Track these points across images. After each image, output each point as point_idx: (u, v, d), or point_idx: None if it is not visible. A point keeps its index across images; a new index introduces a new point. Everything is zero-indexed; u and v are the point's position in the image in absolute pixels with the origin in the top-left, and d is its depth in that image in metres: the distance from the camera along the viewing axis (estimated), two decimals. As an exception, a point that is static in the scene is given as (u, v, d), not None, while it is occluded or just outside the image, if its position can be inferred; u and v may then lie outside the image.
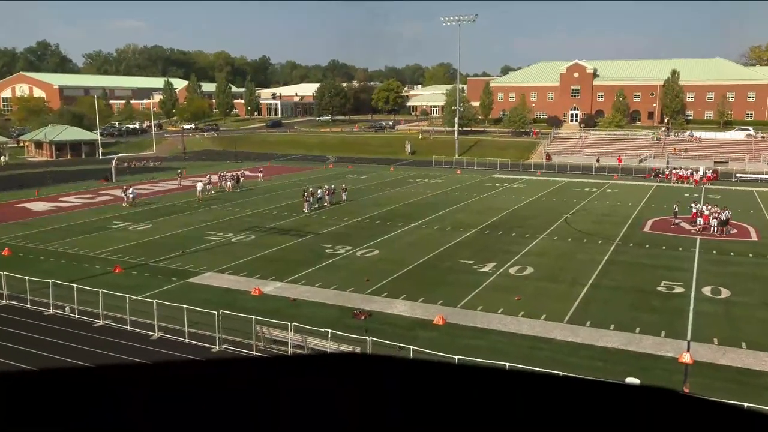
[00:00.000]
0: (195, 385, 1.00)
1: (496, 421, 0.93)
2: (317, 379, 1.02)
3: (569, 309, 23.66)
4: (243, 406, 0.94)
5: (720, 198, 49.06)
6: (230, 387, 0.99)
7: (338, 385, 1.00)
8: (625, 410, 0.97)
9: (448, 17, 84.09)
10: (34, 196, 51.45)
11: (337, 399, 0.96)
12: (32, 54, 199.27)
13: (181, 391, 0.98)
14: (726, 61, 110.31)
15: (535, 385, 1.03)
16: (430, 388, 1.00)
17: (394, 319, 22.81)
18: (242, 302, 24.23)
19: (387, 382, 1.02)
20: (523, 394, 1.00)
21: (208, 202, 48.44)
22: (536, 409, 0.96)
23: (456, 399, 0.97)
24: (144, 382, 1.01)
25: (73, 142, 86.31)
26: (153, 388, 0.98)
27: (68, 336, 21.41)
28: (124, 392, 0.97)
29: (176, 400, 0.95)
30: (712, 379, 18.06)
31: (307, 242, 34.92)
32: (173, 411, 0.92)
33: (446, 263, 30.21)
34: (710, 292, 25.74)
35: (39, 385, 0.98)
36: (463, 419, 0.94)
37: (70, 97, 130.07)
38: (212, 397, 0.96)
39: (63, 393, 0.97)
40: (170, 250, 32.84)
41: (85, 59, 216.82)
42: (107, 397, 0.95)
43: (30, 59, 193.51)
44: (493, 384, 1.03)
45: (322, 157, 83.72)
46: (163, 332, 21.56)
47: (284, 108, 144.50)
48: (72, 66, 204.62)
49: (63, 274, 27.46)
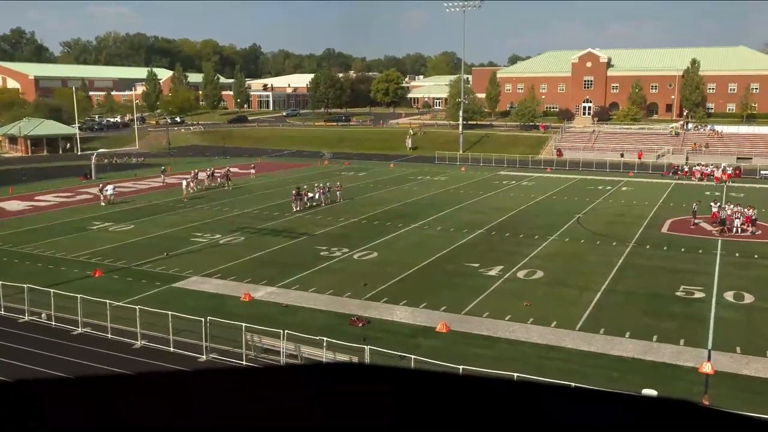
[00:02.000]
0: (180, 396, 1.00)
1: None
2: (311, 390, 1.02)
3: (582, 315, 23.67)
4: (229, 416, 0.94)
5: (743, 196, 49.09)
6: (219, 398, 0.99)
7: (334, 396, 1.00)
8: (642, 423, 0.97)
9: (452, 3, 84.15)
10: (8, 195, 51.43)
11: (331, 410, 0.96)
12: (6, 42, 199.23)
13: (165, 402, 0.98)
14: (750, 50, 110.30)
15: (546, 397, 1.03)
16: (432, 401, 1.00)
17: (395, 326, 22.81)
18: (231, 308, 24.23)
19: (386, 393, 1.02)
20: (533, 407, 1.00)
21: (194, 201, 48.46)
22: (547, 423, 0.96)
23: (460, 412, 0.97)
24: (126, 393, 1.01)
25: (50, 137, 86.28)
26: (135, 399, 0.98)
27: (45, 345, 21.40)
28: (105, 404, 0.96)
29: (158, 412, 0.95)
30: (735, 390, 18.08)
31: (301, 244, 34.92)
32: (155, 422, 0.92)
33: (450, 266, 30.22)
34: (732, 298, 25.76)
35: (14, 397, 0.98)
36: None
37: (47, 89, 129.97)
38: (197, 408, 0.96)
39: (39, 404, 0.97)
40: (154, 252, 32.83)
41: (62, 48, 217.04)
42: (86, 409, 0.95)
43: (3, 48, 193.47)
44: (501, 396, 1.03)
45: (316, 153, 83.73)
46: (146, 341, 21.55)
47: (276, 100, 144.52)
48: (49, 55, 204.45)
49: (39, 278, 27.45)
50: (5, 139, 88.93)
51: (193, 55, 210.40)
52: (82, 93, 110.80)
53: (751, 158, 70.89)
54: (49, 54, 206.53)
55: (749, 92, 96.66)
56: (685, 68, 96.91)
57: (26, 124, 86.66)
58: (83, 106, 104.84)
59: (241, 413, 0.96)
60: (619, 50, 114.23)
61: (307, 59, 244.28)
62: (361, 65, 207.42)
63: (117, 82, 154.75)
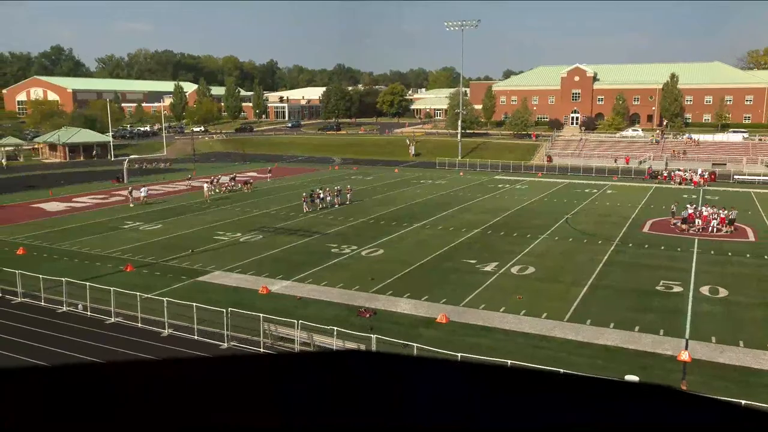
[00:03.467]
0: (205, 381, 1.01)
1: (497, 417, 0.93)
2: (321, 375, 1.02)
3: (570, 308, 23.61)
4: (251, 401, 0.94)
5: (718, 199, 48.89)
6: (240, 383, 0.99)
7: (342, 380, 1.00)
8: (624, 407, 0.97)
9: (452, 22, 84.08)
10: (48, 197, 51.64)
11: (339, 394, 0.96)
12: (46, 58, 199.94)
13: (191, 387, 0.99)
14: (724, 65, 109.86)
15: (537, 382, 1.03)
16: (433, 385, 1.00)
17: (399, 317, 22.80)
18: (250, 300, 24.26)
19: (391, 377, 1.02)
20: (525, 392, 1.00)
21: (218, 202, 48.54)
22: (537, 406, 0.96)
23: (458, 396, 0.97)
24: (156, 378, 1.01)
25: (86, 144, 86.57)
26: (165, 384, 0.99)
27: (81, 333, 21.49)
28: (137, 388, 0.97)
29: (186, 396, 0.96)
30: (710, 377, 18.00)
31: (314, 242, 34.94)
32: (182, 406, 0.92)
33: (449, 263, 30.18)
34: (708, 292, 25.65)
35: (53, 381, 0.98)
36: (465, 415, 0.93)
37: (83, 101, 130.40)
38: (223, 393, 0.96)
39: (76, 389, 0.97)
40: (180, 249, 32.91)
41: (97, 63, 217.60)
42: (118, 393, 0.95)
43: (44, 63, 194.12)
44: (495, 381, 1.03)
45: (327, 159, 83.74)
46: (173, 329, 21.61)
47: (291, 111, 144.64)
48: (85, 70, 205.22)
49: (76, 272, 27.56)
50: (46, 146, 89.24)
51: (216, 70, 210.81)
52: (115, 104, 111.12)
53: (725, 164, 70.63)
54: (86, 69, 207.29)
55: (723, 104, 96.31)
56: (664, 82, 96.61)
57: (64, 133, 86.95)
58: (116, 117, 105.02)
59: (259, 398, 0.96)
60: (604, 65, 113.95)
61: (319, 73, 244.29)
62: (369, 79, 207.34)
63: (146, 94, 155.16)
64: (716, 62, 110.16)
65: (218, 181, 54.89)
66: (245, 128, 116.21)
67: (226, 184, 54.98)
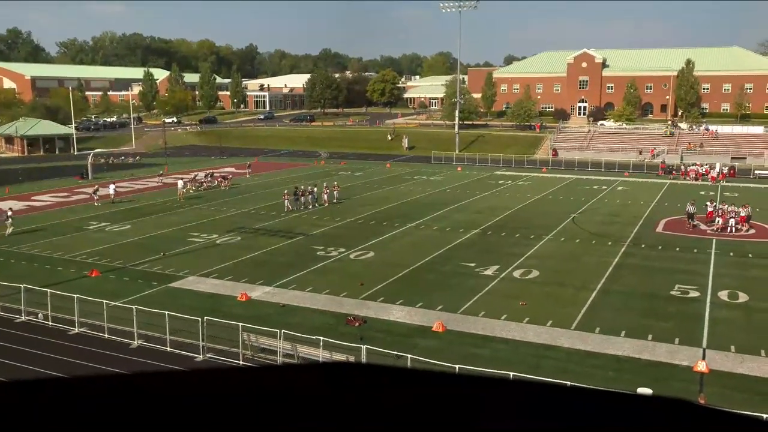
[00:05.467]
0: (177, 396, 1.00)
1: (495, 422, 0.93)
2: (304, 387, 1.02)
3: (577, 315, 23.71)
4: (226, 416, 0.94)
5: (738, 196, 49.20)
6: (214, 396, 0.99)
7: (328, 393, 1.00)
8: (637, 422, 0.97)
9: (448, 3, 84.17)
10: (5, 194, 51.29)
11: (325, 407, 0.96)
12: (2, 42, 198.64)
13: (161, 402, 0.98)
14: (744, 50, 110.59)
15: (542, 396, 1.03)
16: (428, 399, 1.00)
17: (391, 325, 22.82)
18: (228, 308, 24.21)
19: (382, 392, 1.02)
20: (528, 406, 1.00)
21: (191, 201, 48.40)
22: (543, 422, 0.96)
23: (456, 411, 0.97)
24: (121, 393, 1.00)
25: (47, 137, 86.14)
26: (131, 399, 0.98)
27: (42, 344, 21.36)
28: (100, 404, 0.96)
29: (155, 412, 0.95)
30: (730, 389, 18.13)
31: (297, 244, 34.91)
32: (151, 423, 0.92)
33: (446, 266, 30.24)
34: (727, 297, 25.83)
35: (10, 396, 0.98)
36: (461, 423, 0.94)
37: (43, 89, 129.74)
38: (193, 408, 0.96)
39: (35, 404, 0.96)
40: (150, 252, 32.79)
41: (59, 48, 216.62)
42: (81, 409, 0.95)
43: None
44: (497, 395, 1.03)
45: (313, 153, 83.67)
46: (143, 340, 21.53)
47: (273, 100, 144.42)
48: (45, 55, 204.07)
49: (36, 278, 27.39)
50: (1, 139, 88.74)
51: (190, 56, 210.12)
52: (78, 93, 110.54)
53: (746, 158, 71.05)
54: (46, 54, 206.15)
55: (743, 92, 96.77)
56: (679, 68, 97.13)
57: (23, 124, 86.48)
58: (80, 107, 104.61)
59: (237, 413, 0.96)
60: (614, 50, 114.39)
61: (303, 59, 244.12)
62: (358, 65, 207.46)
63: (113, 82, 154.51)
64: (735, 47, 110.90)
65: (194, 178, 54.78)
66: (210, 120, 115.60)
67: (201, 181, 54.89)
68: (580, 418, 0.98)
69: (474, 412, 0.97)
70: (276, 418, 0.93)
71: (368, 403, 0.98)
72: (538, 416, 0.97)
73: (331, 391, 1.01)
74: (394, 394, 1.02)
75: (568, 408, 1.00)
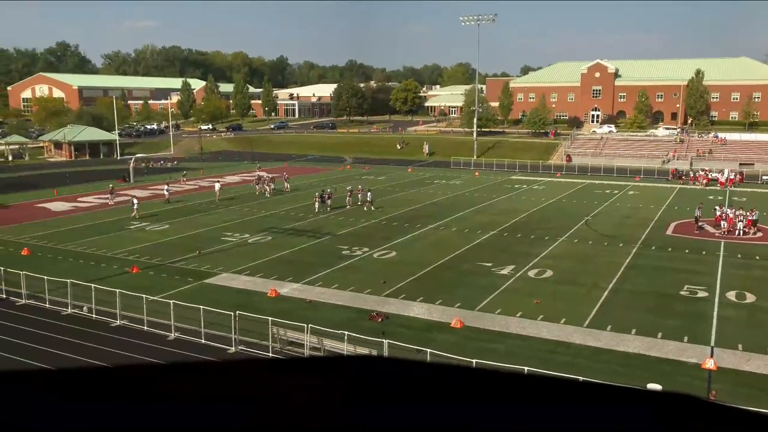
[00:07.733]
0: (210, 385, 1.01)
1: (512, 427, 0.92)
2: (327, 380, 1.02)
3: (589, 313, 23.47)
4: (253, 407, 0.94)
5: (746, 201, 48.38)
6: (245, 388, 0.99)
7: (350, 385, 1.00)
8: (647, 417, 0.96)
9: (467, 17, 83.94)
10: (53, 196, 52.13)
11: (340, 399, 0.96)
12: (52, 55, 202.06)
13: (194, 392, 0.99)
14: (752, 61, 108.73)
15: (554, 390, 1.02)
16: (445, 391, 1.00)
17: (411, 321, 22.78)
18: (258, 303, 24.35)
19: (403, 384, 1.01)
20: (542, 399, 0.99)
21: (226, 202, 48.73)
22: (555, 415, 0.95)
23: (472, 402, 0.97)
24: (161, 382, 1.01)
25: (92, 143, 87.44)
26: (168, 388, 0.99)
27: (86, 336, 21.66)
28: (141, 392, 0.97)
29: (189, 401, 0.96)
30: (737, 386, 17.82)
31: (324, 243, 35.00)
32: (184, 411, 0.93)
33: (464, 265, 30.12)
34: (735, 297, 25.39)
35: (57, 384, 0.99)
36: (479, 423, 0.93)
37: (89, 98, 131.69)
38: (227, 397, 0.96)
39: (80, 392, 0.97)
40: (187, 250, 33.10)
41: (103, 60, 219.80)
42: (123, 397, 0.96)
43: (49, 60, 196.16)
44: (511, 388, 1.02)
45: (338, 158, 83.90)
46: (179, 333, 21.72)
47: (302, 108, 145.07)
48: (91, 67, 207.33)
49: (81, 274, 27.78)
50: (51, 144, 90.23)
51: (225, 67, 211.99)
52: (121, 102, 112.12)
53: (753, 164, 69.87)
54: (92, 66, 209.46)
55: (751, 101, 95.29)
56: (689, 78, 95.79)
57: (70, 131, 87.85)
58: (122, 114, 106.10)
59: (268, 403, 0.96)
60: (626, 61, 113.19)
61: (330, 70, 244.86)
62: (381, 75, 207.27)
63: (153, 91, 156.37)
64: (743, 57, 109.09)
65: (267, 179, 53.47)
66: (235, 127, 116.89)
67: (267, 181, 53.33)
68: (590, 413, 0.96)
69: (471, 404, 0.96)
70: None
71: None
72: (546, 408, 0.96)
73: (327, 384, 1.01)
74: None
75: (578, 402, 0.99)
